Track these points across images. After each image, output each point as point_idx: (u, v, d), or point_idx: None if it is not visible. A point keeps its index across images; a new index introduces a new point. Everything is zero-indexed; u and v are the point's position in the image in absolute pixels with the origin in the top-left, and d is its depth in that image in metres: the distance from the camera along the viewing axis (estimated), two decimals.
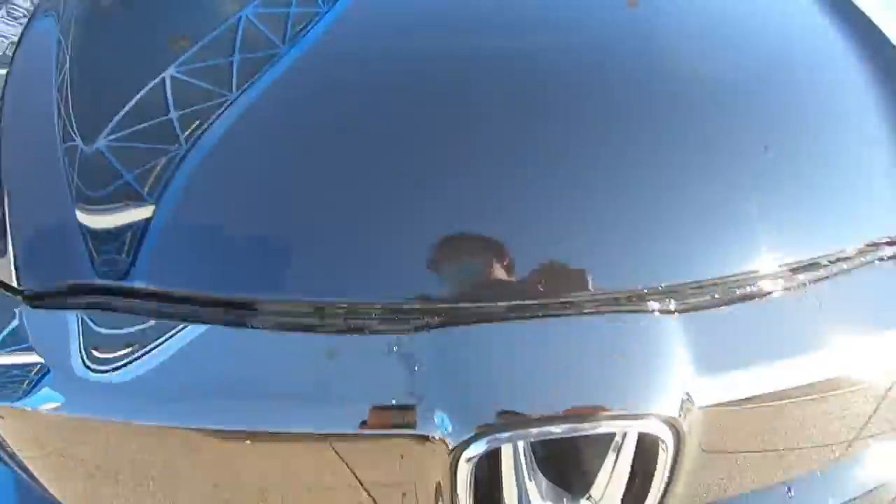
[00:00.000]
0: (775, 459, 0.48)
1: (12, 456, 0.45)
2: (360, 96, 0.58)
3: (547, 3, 0.69)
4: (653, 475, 0.42)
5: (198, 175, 0.51)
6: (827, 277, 0.47)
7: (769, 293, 0.46)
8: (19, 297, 0.45)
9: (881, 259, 0.49)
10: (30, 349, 0.42)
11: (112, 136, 0.53)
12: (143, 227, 0.47)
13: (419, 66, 0.60)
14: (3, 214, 0.49)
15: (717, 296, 0.45)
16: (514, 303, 0.44)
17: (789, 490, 0.50)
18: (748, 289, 0.46)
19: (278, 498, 0.45)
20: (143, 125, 0.55)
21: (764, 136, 0.56)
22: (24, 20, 1.16)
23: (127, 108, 0.55)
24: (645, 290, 0.44)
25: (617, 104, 0.58)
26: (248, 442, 0.41)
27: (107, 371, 0.40)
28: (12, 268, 0.46)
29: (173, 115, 0.55)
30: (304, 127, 0.56)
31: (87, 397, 0.41)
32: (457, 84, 0.58)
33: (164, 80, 0.56)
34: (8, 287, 0.46)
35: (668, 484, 0.43)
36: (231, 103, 0.55)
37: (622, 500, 0.44)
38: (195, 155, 0.51)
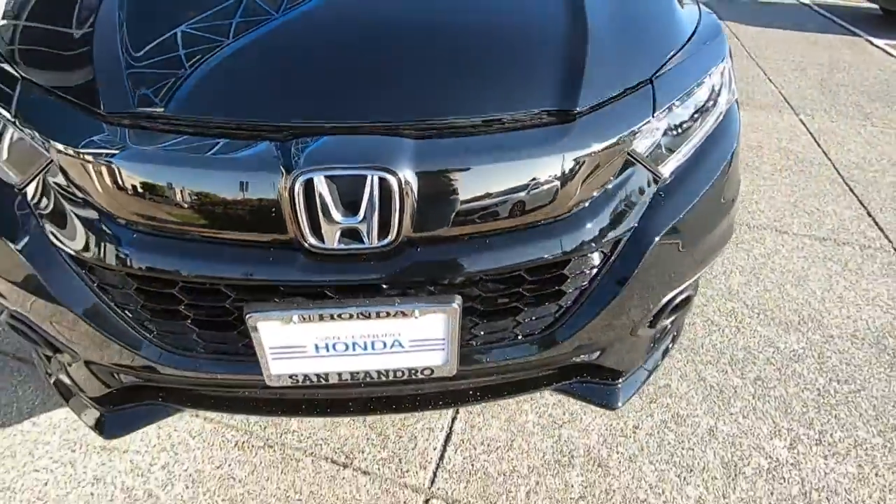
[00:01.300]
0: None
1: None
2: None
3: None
4: (391, 208, 0.77)
5: (192, 65, 0.88)
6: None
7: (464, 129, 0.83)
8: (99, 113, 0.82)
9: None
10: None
11: (147, 49, 0.89)
12: (157, 85, 0.84)
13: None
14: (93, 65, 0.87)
15: (439, 129, 0.82)
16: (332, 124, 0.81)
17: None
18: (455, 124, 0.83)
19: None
20: (163, 45, 0.91)
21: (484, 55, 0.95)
22: None
23: (159, 37, 0.91)
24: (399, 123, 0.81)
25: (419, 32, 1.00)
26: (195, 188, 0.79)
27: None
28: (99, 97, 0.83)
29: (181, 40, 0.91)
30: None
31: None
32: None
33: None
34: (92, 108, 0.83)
35: (400, 215, 0.78)
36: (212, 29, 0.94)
37: (380, 225, 0.78)
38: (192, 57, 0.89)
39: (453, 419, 1.45)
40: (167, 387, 1.03)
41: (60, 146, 0.80)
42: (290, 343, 0.83)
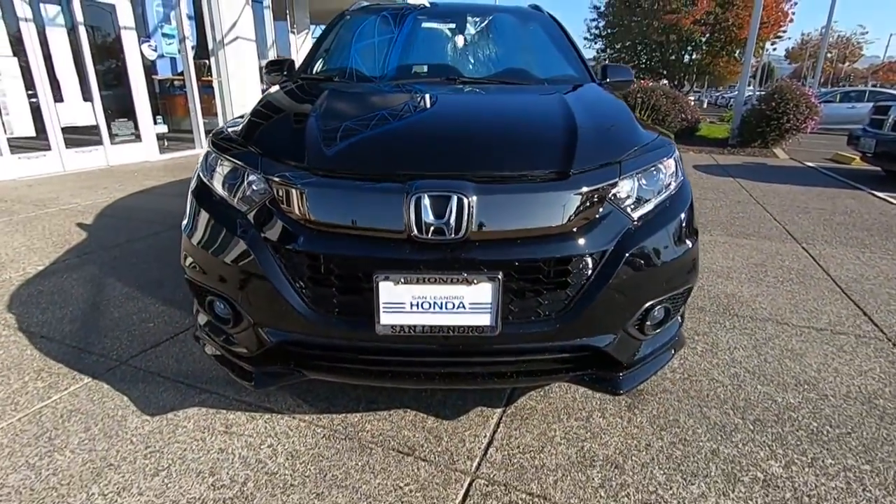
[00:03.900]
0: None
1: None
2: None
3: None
4: (462, 217, 1.35)
5: (355, 140, 1.64)
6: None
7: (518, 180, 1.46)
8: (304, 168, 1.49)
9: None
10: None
11: (330, 134, 1.62)
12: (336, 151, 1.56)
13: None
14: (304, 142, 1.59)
15: (492, 177, 1.44)
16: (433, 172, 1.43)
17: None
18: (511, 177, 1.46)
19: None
20: (339, 130, 1.65)
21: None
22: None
23: (338, 127, 1.68)
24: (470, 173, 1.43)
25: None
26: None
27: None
28: (305, 158, 1.52)
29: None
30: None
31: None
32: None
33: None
34: (299, 165, 1.51)
35: (467, 221, 1.35)
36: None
37: (456, 226, 1.35)
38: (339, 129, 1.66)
39: (494, 431, 1.79)
40: (299, 353, 1.52)
41: (277, 179, 1.46)
42: (396, 300, 1.34)
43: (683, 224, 1.60)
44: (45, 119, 6.61)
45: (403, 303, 1.35)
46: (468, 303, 1.35)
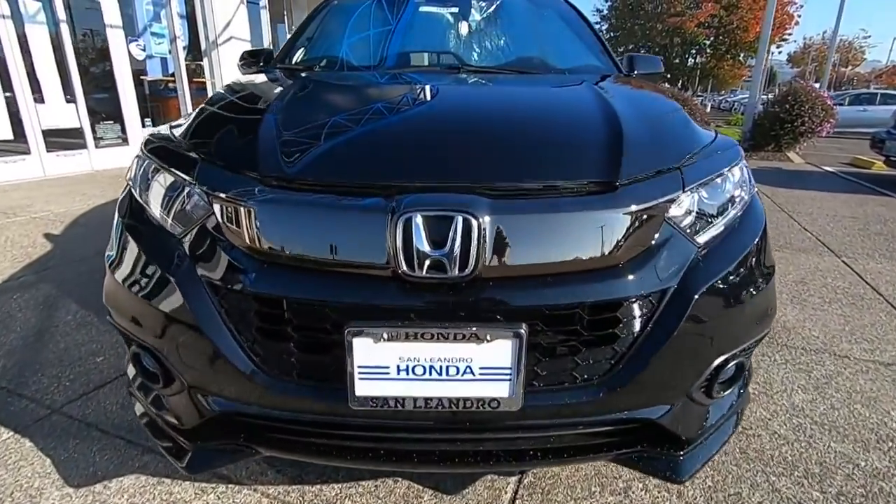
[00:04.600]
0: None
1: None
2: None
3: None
4: (470, 245, 0.96)
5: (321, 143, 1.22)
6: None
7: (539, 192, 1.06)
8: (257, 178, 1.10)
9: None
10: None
11: (292, 137, 1.22)
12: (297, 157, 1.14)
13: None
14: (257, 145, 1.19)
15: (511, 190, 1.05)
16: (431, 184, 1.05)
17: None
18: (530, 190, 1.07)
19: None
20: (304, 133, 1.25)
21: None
22: None
23: (302, 128, 1.26)
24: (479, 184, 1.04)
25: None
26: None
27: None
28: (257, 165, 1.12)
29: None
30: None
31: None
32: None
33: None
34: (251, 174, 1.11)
35: (477, 251, 0.96)
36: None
37: (462, 258, 0.96)
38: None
39: (515, 493, 1.40)
40: (250, 424, 1.13)
41: (220, 194, 1.07)
42: (376, 362, 0.95)
43: (761, 251, 1.21)
44: (23, 121, 6.25)
45: (387, 367, 0.96)
46: (479, 367, 0.96)
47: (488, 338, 0.94)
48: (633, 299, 1.02)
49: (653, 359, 1.02)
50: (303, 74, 1.94)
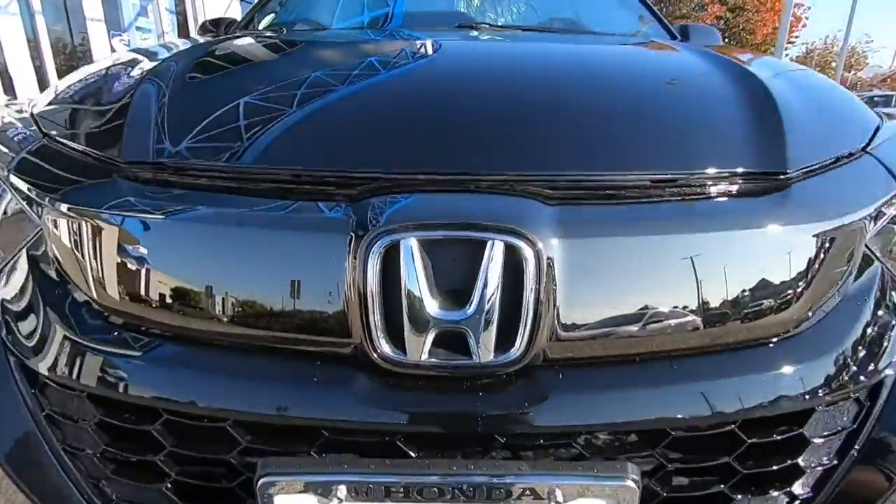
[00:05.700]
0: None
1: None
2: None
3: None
4: (521, 298, 0.47)
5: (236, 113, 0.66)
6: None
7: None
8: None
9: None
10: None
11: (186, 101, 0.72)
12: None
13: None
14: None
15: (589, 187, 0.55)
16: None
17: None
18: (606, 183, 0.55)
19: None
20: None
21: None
22: None
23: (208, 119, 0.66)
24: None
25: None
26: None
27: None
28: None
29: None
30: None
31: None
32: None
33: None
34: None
35: (536, 303, 0.47)
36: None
37: (500, 328, 0.47)
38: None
39: None
40: None
41: (62, 205, 0.57)
42: None
43: None
44: None
45: None
46: None
47: (559, 497, 0.45)
48: (831, 397, 0.52)
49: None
50: (250, 38, 1.31)
